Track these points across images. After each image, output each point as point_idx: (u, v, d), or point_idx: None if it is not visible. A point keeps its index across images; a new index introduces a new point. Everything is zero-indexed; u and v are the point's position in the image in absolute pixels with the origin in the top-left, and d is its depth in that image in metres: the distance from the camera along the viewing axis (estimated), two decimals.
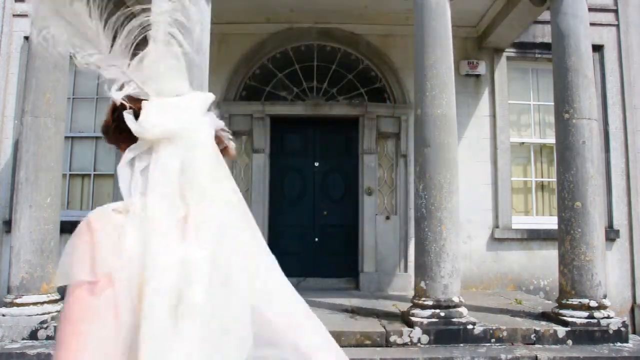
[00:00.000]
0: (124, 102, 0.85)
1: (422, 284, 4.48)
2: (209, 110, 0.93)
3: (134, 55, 0.89)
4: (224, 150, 0.97)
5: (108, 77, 0.87)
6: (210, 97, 0.92)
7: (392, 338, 4.25)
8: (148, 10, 0.90)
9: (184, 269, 0.74)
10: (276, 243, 6.95)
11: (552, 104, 5.17)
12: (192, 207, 0.79)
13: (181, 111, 0.86)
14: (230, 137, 1.01)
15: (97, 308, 0.71)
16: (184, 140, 0.84)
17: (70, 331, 0.71)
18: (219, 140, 0.95)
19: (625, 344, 4.36)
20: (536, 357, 4.01)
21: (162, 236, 0.75)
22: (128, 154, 0.83)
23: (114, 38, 0.88)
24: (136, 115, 0.84)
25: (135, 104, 0.86)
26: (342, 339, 4.22)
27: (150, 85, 0.88)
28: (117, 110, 0.88)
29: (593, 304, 4.50)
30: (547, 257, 6.64)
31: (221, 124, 0.97)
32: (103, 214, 0.81)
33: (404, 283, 6.56)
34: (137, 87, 0.88)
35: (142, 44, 0.90)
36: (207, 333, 0.73)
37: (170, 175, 0.81)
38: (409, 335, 4.26)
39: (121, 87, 0.88)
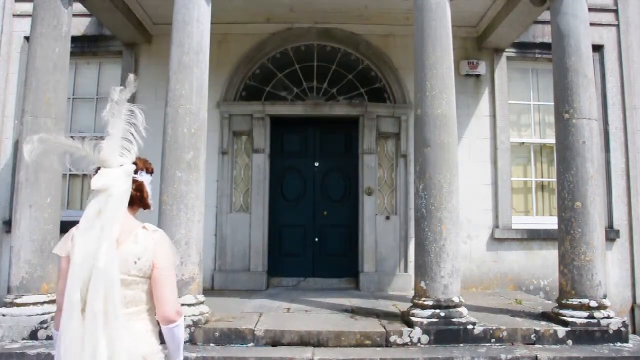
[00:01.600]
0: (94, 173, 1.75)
1: (422, 284, 4.48)
2: (137, 172, 1.82)
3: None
4: (141, 199, 1.87)
5: (84, 163, 1.72)
6: (131, 168, 1.78)
7: (392, 338, 4.25)
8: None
9: (89, 257, 1.62)
10: (276, 243, 6.96)
11: (552, 104, 5.16)
12: (102, 224, 1.65)
13: (108, 176, 1.69)
14: (147, 185, 1.89)
15: (62, 262, 1.76)
16: (106, 192, 1.68)
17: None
18: (139, 190, 1.84)
19: (625, 344, 4.36)
20: (536, 357, 4.00)
21: (80, 240, 1.65)
22: (90, 197, 1.71)
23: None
24: None
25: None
26: (342, 339, 4.22)
27: (103, 158, 1.72)
28: None
29: (593, 304, 4.50)
30: (547, 257, 6.65)
31: (145, 178, 1.88)
32: (72, 229, 1.79)
33: (404, 283, 6.56)
34: (98, 159, 1.72)
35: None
36: (95, 282, 1.59)
37: (91, 209, 1.68)
38: (409, 335, 4.26)
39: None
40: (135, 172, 1.81)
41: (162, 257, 1.75)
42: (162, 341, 1.77)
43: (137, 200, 1.84)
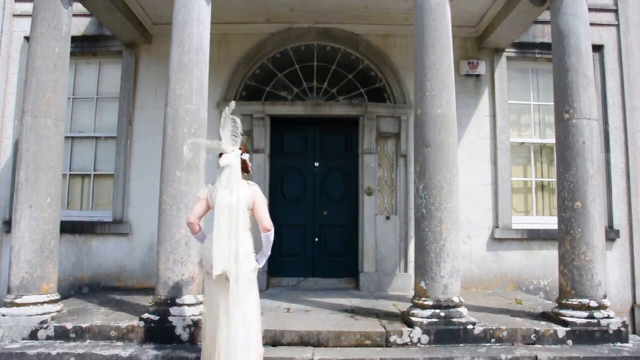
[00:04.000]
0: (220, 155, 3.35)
1: (422, 284, 4.48)
2: (241, 153, 3.39)
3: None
4: (245, 168, 3.46)
5: (213, 147, 3.40)
6: (239, 152, 3.35)
7: (392, 338, 4.25)
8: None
9: (228, 200, 3.19)
10: (276, 243, 6.91)
11: (552, 104, 5.16)
12: (232, 184, 3.24)
13: (229, 157, 3.26)
14: (248, 160, 3.55)
15: (200, 201, 3.46)
16: (229, 166, 3.26)
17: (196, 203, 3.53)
18: (244, 164, 3.45)
19: (625, 344, 4.36)
20: (536, 357, 4.01)
21: (221, 191, 3.22)
22: (220, 170, 3.30)
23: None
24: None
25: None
26: (342, 339, 4.23)
27: (223, 148, 3.29)
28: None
29: (593, 304, 4.50)
30: (547, 257, 6.65)
31: (246, 156, 3.50)
32: (208, 185, 3.52)
33: (404, 283, 6.56)
34: (221, 149, 3.31)
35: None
36: (230, 213, 3.18)
37: (224, 175, 3.25)
38: (409, 335, 4.26)
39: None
40: (242, 154, 3.35)
41: (257, 197, 3.32)
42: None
43: (243, 169, 3.37)
